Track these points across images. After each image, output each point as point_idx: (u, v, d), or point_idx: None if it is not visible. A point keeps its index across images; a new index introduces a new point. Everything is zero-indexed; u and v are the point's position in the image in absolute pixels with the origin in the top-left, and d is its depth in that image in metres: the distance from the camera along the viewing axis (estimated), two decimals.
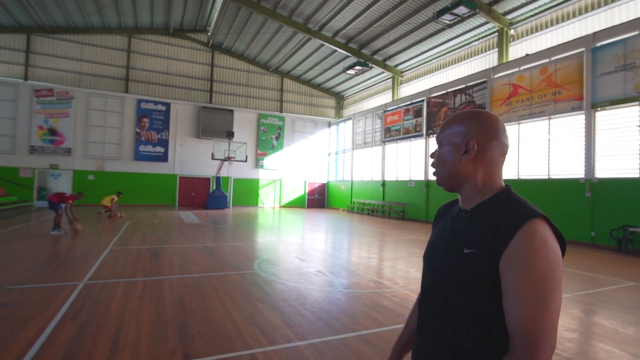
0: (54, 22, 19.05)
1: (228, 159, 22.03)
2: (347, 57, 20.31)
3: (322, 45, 20.07)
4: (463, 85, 15.52)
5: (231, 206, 23.23)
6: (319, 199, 27.05)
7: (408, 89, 20.34)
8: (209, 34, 22.15)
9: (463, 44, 16.51)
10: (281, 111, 25.76)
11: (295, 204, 26.08)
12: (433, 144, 17.18)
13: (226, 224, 14.26)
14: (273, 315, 4.25)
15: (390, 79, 21.40)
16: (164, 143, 22.17)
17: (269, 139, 25.29)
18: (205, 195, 22.74)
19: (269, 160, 25.28)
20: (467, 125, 1.05)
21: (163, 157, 22.12)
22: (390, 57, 19.75)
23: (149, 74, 22.12)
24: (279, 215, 19.23)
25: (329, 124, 27.31)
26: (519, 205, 0.96)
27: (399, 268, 7.23)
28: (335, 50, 20.28)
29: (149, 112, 21.82)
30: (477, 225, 1.00)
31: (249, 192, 24.71)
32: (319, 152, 27.14)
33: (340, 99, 27.33)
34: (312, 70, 24.23)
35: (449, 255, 1.04)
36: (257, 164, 24.95)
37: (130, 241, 9.16)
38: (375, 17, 16.59)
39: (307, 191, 26.57)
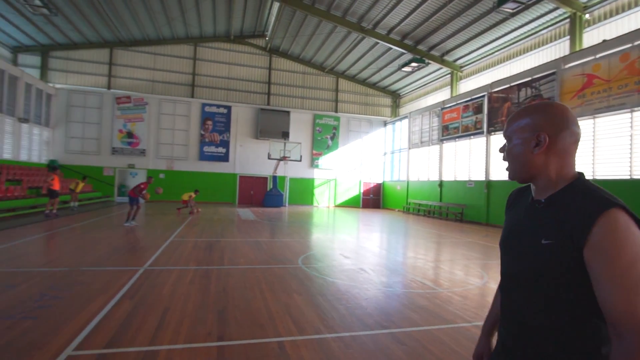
0: (132, 35, 21.19)
1: (283, 158, 22.72)
2: (403, 54, 19.81)
3: (377, 43, 19.84)
4: (529, 78, 14.35)
5: (287, 205, 23.93)
6: (374, 199, 26.76)
7: (468, 85, 19.31)
8: (267, 38, 23.06)
9: (529, 33, 15.26)
10: (336, 111, 25.94)
11: (350, 204, 26.08)
12: (495, 142, 16.13)
13: (280, 221, 14.73)
14: (308, 307, 4.34)
15: (449, 75, 20.49)
16: (226, 144, 23.53)
17: (324, 139, 25.60)
18: (263, 193, 23.68)
19: (324, 160, 25.59)
20: (535, 118, 1.06)
21: (224, 157, 23.48)
22: (448, 51, 18.91)
23: (212, 79, 23.64)
24: (333, 215, 19.39)
25: (385, 123, 26.88)
26: (593, 194, 0.97)
27: (447, 270, 6.93)
28: (390, 48, 19.92)
29: (212, 115, 23.31)
30: (552, 216, 1.02)
31: (304, 191, 25.24)
32: (374, 152, 26.84)
33: (396, 98, 26.78)
34: (367, 69, 24.07)
35: (526, 245, 1.06)
36: (313, 164, 25.38)
37: (189, 234, 9.90)
38: (431, 11, 16.00)
39: (362, 191, 26.43)
